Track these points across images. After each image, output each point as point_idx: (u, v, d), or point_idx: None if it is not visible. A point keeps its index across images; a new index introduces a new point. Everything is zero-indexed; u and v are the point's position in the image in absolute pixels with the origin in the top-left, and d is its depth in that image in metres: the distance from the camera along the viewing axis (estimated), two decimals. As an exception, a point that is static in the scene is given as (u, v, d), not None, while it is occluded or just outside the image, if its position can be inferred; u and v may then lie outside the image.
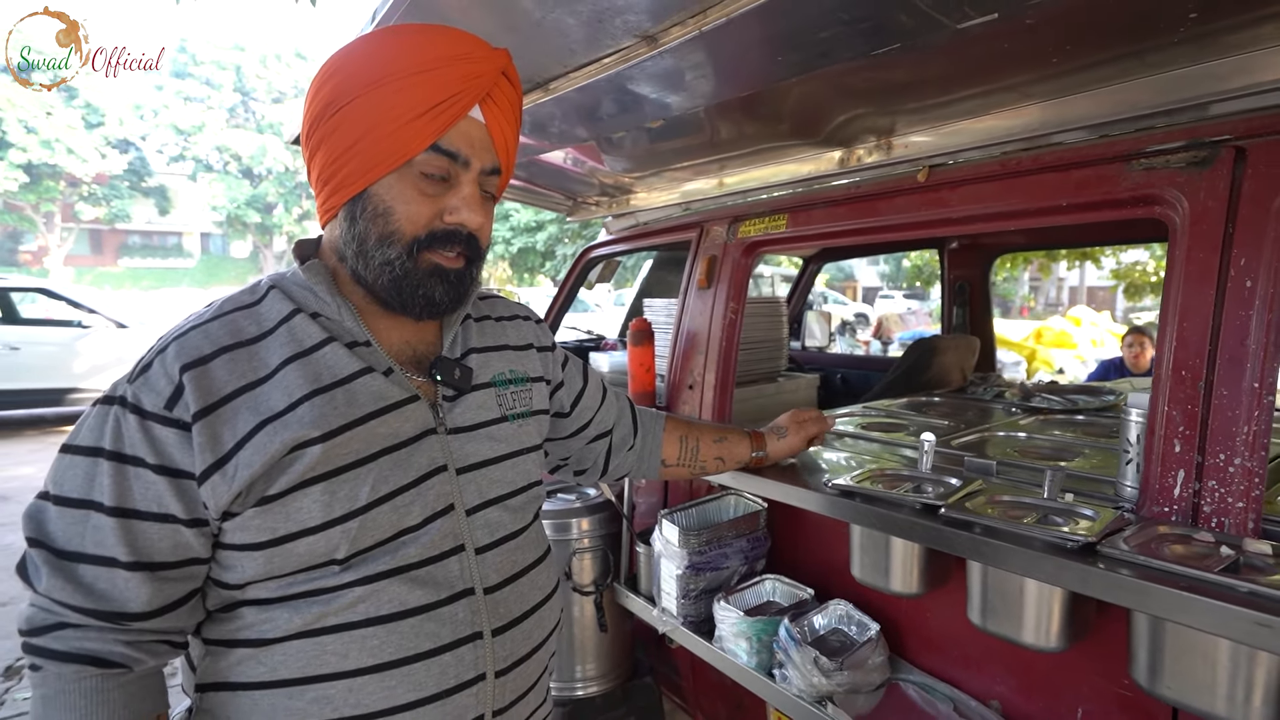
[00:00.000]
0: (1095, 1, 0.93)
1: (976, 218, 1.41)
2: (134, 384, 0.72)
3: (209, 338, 0.73)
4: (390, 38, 0.78)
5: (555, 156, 2.17)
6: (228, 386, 0.71)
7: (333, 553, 0.73)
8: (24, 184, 22.56)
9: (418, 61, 0.75)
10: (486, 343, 0.94)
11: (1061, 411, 1.96)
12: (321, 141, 0.77)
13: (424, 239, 0.77)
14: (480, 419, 0.87)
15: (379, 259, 0.77)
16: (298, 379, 0.74)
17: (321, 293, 0.80)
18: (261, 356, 0.74)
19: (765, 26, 1.09)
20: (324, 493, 0.72)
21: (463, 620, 0.79)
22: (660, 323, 2.21)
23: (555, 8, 1.19)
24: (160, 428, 0.69)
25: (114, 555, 0.69)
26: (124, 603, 0.69)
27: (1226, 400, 1.01)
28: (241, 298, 0.80)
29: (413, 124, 0.74)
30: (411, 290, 0.78)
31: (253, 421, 0.71)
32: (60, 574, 0.68)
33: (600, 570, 1.94)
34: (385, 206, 0.76)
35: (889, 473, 1.33)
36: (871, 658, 1.33)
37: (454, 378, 0.85)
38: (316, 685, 0.73)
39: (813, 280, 3.73)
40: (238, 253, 33.61)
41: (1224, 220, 1.04)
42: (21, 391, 7.28)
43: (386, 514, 0.75)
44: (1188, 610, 0.81)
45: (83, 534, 0.69)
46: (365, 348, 0.80)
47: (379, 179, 0.75)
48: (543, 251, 19.98)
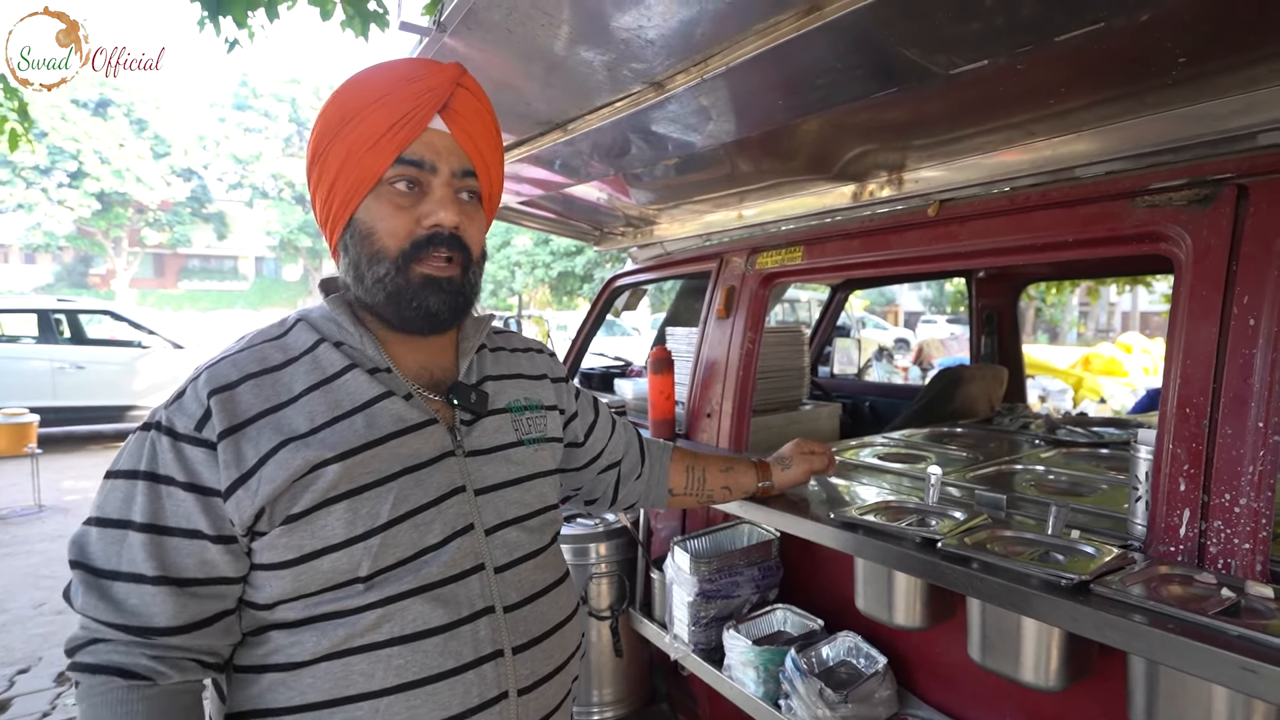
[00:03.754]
0: (1081, 47, 0.95)
1: (986, 252, 1.43)
2: (168, 410, 0.77)
3: (236, 366, 0.79)
4: (352, 81, 0.84)
5: (583, 190, 2.24)
6: (252, 409, 0.76)
7: (355, 570, 0.75)
8: (96, 211, 23.98)
9: (375, 92, 0.80)
10: (502, 371, 0.98)
11: (1086, 445, 1.93)
12: (316, 187, 0.84)
13: (409, 250, 0.81)
14: (497, 442, 0.90)
15: (371, 278, 0.81)
16: (320, 405, 0.78)
17: (344, 323, 0.84)
18: (285, 382, 0.79)
19: (763, 74, 1.13)
20: (347, 510, 0.75)
21: (484, 638, 0.80)
22: (681, 351, 2.24)
23: (571, 57, 1.26)
24: (190, 448, 0.74)
25: (142, 571, 0.72)
26: (150, 617, 0.72)
27: (1231, 439, 1.00)
28: (270, 331, 0.85)
29: (376, 146, 0.79)
30: (407, 303, 0.81)
31: (275, 440, 0.74)
32: (95, 592, 0.72)
33: (616, 595, 1.97)
34: (368, 227, 0.81)
35: (895, 505, 1.33)
36: (878, 691, 1.33)
37: (470, 402, 0.89)
38: (345, 707, 0.75)
39: (841, 307, 3.72)
40: (289, 276, 34.89)
41: (1227, 258, 1.04)
42: (85, 408, 7.68)
43: (407, 532, 0.78)
44: (1175, 653, 0.81)
45: (119, 553, 0.73)
46: (386, 374, 0.84)
47: (359, 205, 0.81)
48: (581, 275, 20.27)
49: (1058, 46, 0.96)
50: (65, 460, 7.24)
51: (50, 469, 6.46)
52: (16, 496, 5.65)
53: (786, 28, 1.02)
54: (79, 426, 7.97)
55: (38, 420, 5.83)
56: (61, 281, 28.88)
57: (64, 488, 6.11)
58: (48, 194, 23.15)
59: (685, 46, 1.16)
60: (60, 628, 3.48)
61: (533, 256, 20.58)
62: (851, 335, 6.42)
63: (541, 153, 1.78)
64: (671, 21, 1.09)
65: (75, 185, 23.28)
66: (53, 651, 3.24)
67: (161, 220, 26.99)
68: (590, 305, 2.99)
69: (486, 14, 1.13)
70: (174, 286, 33.42)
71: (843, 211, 1.77)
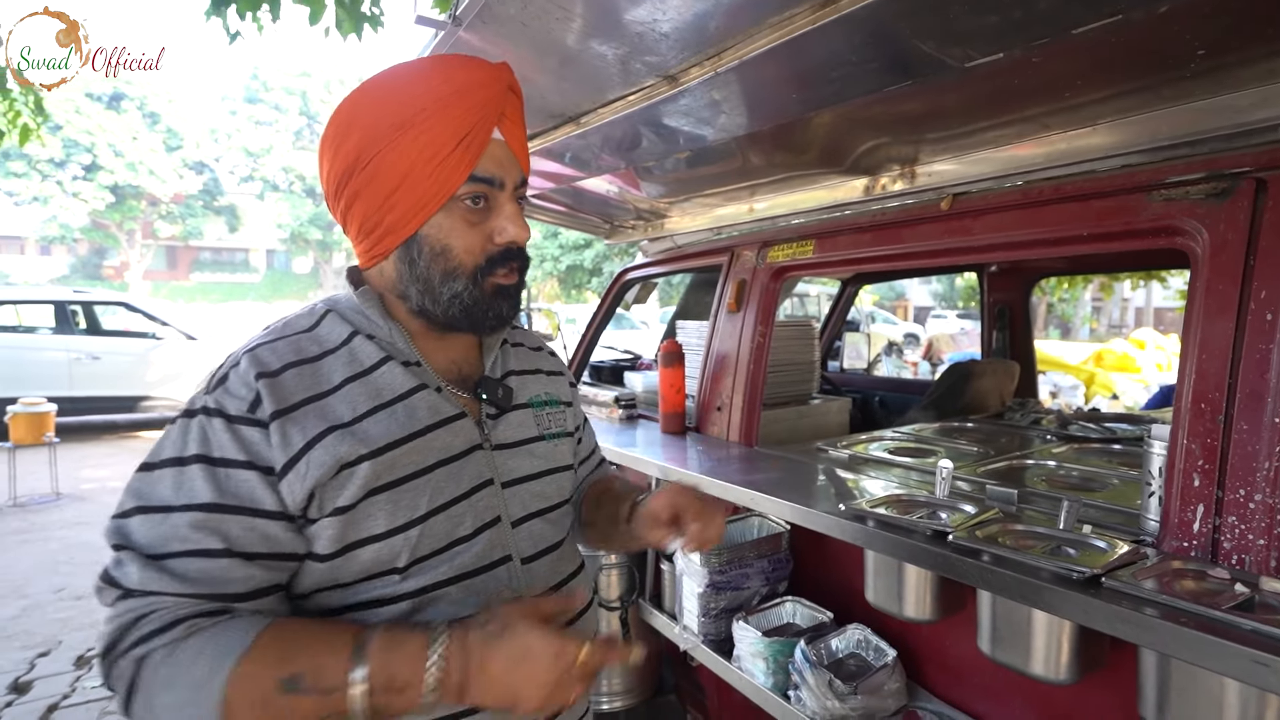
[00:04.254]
0: (1098, 40, 0.94)
1: (999, 246, 1.42)
2: (214, 393, 0.75)
3: (276, 354, 0.77)
4: (396, 79, 0.81)
5: (594, 183, 2.25)
6: (296, 395, 0.75)
7: (395, 560, 0.76)
8: (110, 204, 24.18)
9: (435, 97, 0.78)
10: (523, 366, 0.99)
11: (1098, 440, 1.92)
12: (357, 194, 0.80)
13: (484, 265, 0.82)
14: (521, 436, 0.91)
15: (447, 294, 0.82)
16: (360, 395, 0.79)
17: (374, 316, 0.84)
18: (324, 373, 0.78)
19: (778, 67, 1.13)
20: (388, 501, 0.76)
21: None
22: (691, 344, 2.25)
23: (584, 51, 1.26)
24: (247, 428, 0.73)
25: (208, 546, 0.69)
26: (224, 584, 0.69)
27: (1246, 435, 0.99)
28: (299, 322, 0.83)
29: (447, 161, 0.77)
30: (482, 313, 0.84)
31: (321, 426, 0.74)
32: (152, 568, 0.68)
33: (626, 586, 1.98)
34: (442, 245, 0.81)
35: (905, 498, 1.34)
36: (887, 683, 1.34)
37: (497, 396, 0.90)
38: None
39: (851, 301, 3.71)
40: (300, 268, 35.08)
41: (1244, 252, 1.03)
42: (100, 398, 7.79)
43: (442, 523, 0.79)
44: (1187, 646, 0.81)
45: (170, 535, 0.69)
46: (416, 367, 0.85)
47: (428, 219, 0.80)
48: (590, 269, 20.28)
49: (1074, 39, 0.96)
50: (82, 449, 7.34)
51: (67, 458, 6.55)
52: (35, 484, 5.74)
53: (801, 21, 1.02)
54: (94, 416, 8.08)
55: (55, 410, 5.91)
56: (76, 273, 29.16)
57: (81, 476, 6.20)
58: (63, 187, 23.36)
59: (699, 40, 1.16)
60: (79, 613, 3.54)
61: (541, 250, 20.59)
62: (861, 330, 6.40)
63: (553, 146, 1.79)
64: (686, 15, 1.09)
65: (90, 178, 23.48)
66: (72, 636, 3.30)
67: (174, 213, 27.20)
68: (601, 298, 3.00)
69: (501, 8, 1.14)
70: (186, 278, 33.69)
71: (854, 205, 1.77)
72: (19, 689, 2.85)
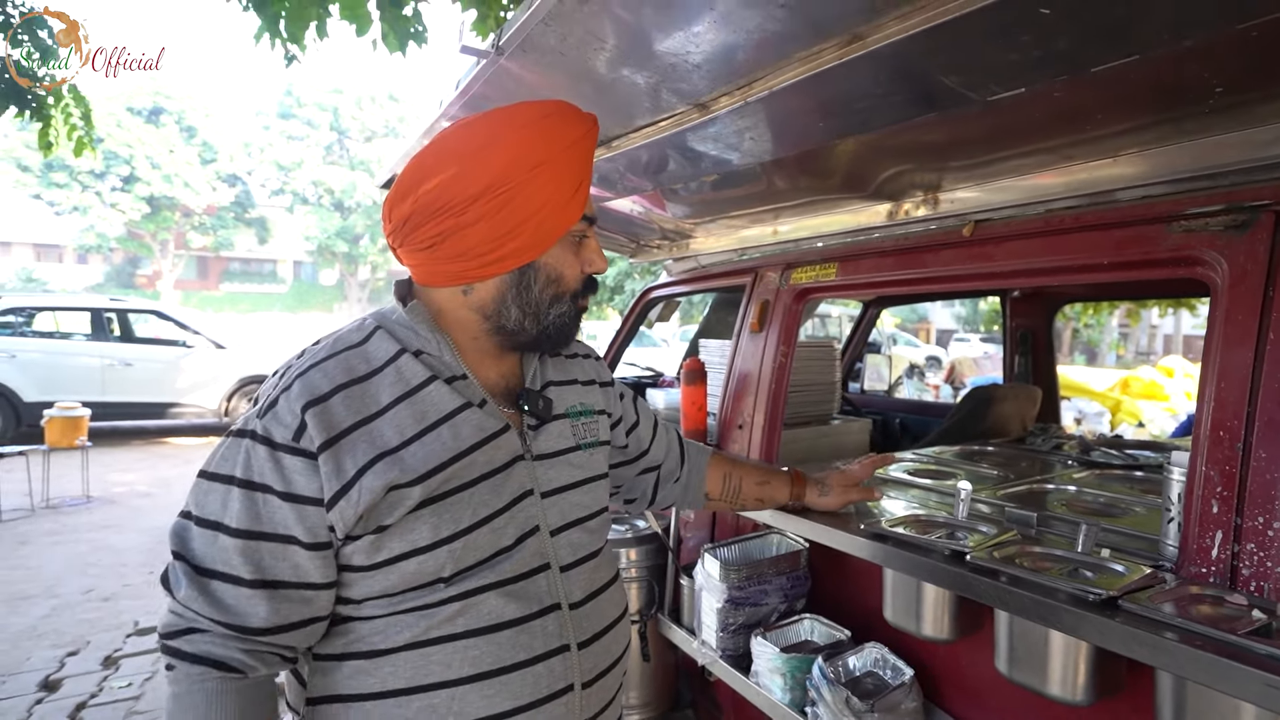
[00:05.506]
0: (1118, 75, 0.98)
1: (1020, 273, 1.45)
2: (263, 419, 0.79)
3: (327, 376, 0.81)
4: (537, 119, 0.87)
5: (620, 203, 2.31)
6: (346, 421, 0.79)
7: (440, 571, 0.80)
8: (146, 214, 24.90)
9: (560, 144, 0.86)
10: (560, 377, 1.03)
11: (1120, 467, 1.92)
12: (481, 217, 0.84)
13: (579, 291, 0.94)
14: (560, 446, 0.96)
15: (554, 314, 0.92)
16: (407, 417, 0.82)
17: (423, 331, 0.89)
18: (373, 394, 0.82)
19: (805, 98, 1.18)
20: (432, 515, 0.80)
21: (552, 633, 0.85)
22: (714, 363, 2.28)
23: (618, 79, 1.32)
24: (289, 457, 0.77)
25: (240, 574, 0.76)
26: (246, 617, 0.76)
27: (1265, 463, 1.01)
28: (350, 337, 0.87)
29: (570, 201, 0.88)
30: (571, 332, 0.96)
31: (370, 453, 0.78)
32: (195, 585, 0.76)
33: (645, 600, 2.00)
34: (557, 273, 0.91)
35: (924, 518, 1.36)
36: (904, 702, 1.35)
37: (538, 408, 0.95)
38: (423, 695, 0.79)
39: (873, 323, 3.73)
40: (326, 280, 35.73)
41: (1263, 283, 1.05)
42: (131, 404, 7.98)
43: (485, 535, 0.83)
44: (1202, 668, 0.82)
45: (215, 554, 0.77)
46: (462, 381, 0.89)
47: (547, 250, 0.89)
48: (612, 286, 20.39)
49: (1094, 75, 0.99)
50: (112, 454, 7.51)
51: (98, 462, 6.72)
52: (66, 487, 5.89)
53: (829, 56, 1.07)
54: (125, 422, 8.26)
55: (89, 414, 6.07)
56: (111, 281, 29.97)
57: (111, 480, 6.35)
58: (101, 197, 24.12)
59: (729, 71, 1.21)
60: (106, 614, 3.62)
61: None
62: (882, 352, 6.38)
63: (584, 168, 1.84)
64: (717, 47, 1.14)
65: (127, 189, 24.22)
66: (100, 636, 3.38)
67: (206, 224, 27.94)
68: (624, 315, 3.05)
69: (542, 39, 1.20)
70: (216, 288, 34.45)
71: (878, 230, 1.80)
72: (49, 686, 2.92)
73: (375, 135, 30.20)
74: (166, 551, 0.82)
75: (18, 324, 7.87)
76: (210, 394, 8.28)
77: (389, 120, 30.21)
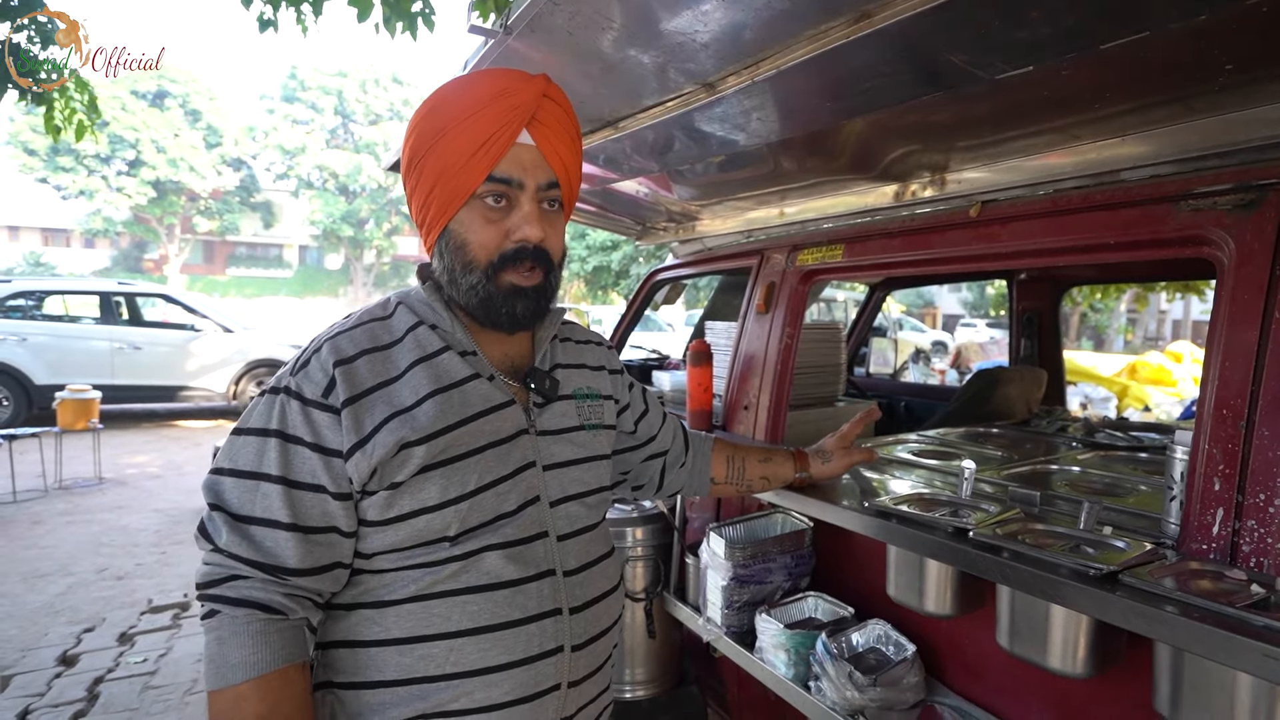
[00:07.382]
0: (1127, 54, 0.97)
1: (1027, 253, 1.45)
2: (295, 376, 0.85)
3: (353, 342, 0.87)
4: (446, 90, 0.90)
5: (627, 185, 2.31)
6: (368, 382, 0.85)
7: (446, 529, 0.85)
8: (152, 199, 24.93)
9: (467, 105, 0.87)
10: (569, 360, 1.07)
11: (1124, 448, 1.93)
12: (411, 193, 0.91)
13: (497, 262, 0.88)
14: (563, 425, 0.99)
15: (465, 284, 0.90)
16: (423, 379, 0.87)
17: (438, 309, 0.93)
18: (394, 360, 0.88)
19: (812, 77, 1.18)
20: (441, 477, 0.85)
21: (546, 596, 0.89)
22: (720, 345, 2.29)
23: (626, 59, 1.32)
24: (318, 412, 0.83)
25: (278, 518, 0.81)
26: (283, 559, 0.81)
27: (1268, 441, 1.01)
28: (376, 312, 0.94)
29: (470, 162, 0.85)
30: (496, 309, 0.90)
31: (386, 412, 0.84)
32: (236, 532, 0.81)
33: (651, 579, 2.03)
34: (462, 239, 0.89)
35: (928, 497, 1.37)
36: (906, 677, 1.37)
37: (544, 386, 0.98)
38: (423, 644, 0.84)
39: (879, 307, 3.72)
40: (331, 264, 35.74)
41: (1270, 263, 1.05)
42: (140, 387, 8.05)
43: (489, 499, 0.87)
44: (1199, 639, 0.84)
45: (254, 500, 0.82)
46: (473, 356, 0.93)
47: (454, 215, 0.89)
48: (617, 270, 20.37)
49: (1103, 53, 0.99)
50: (122, 436, 7.59)
51: (109, 444, 6.79)
52: (79, 468, 5.97)
53: (837, 34, 1.07)
54: (134, 404, 8.34)
55: (100, 397, 6.13)
56: (118, 266, 30.08)
57: (122, 462, 6.42)
58: (108, 181, 24.15)
59: (736, 50, 1.21)
60: (120, 592, 3.68)
61: (568, 251, 20.67)
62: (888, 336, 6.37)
63: (590, 149, 1.85)
64: (725, 25, 1.14)
65: (133, 173, 24.25)
66: (115, 613, 3.44)
67: (212, 208, 27.95)
68: (630, 299, 3.05)
69: (550, 18, 1.20)
70: (221, 273, 34.52)
71: (884, 211, 1.80)
72: (67, 661, 2.98)
73: (380, 119, 30.07)
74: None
75: (28, 307, 7.93)
76: (219, 378, 8.34)
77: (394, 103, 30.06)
